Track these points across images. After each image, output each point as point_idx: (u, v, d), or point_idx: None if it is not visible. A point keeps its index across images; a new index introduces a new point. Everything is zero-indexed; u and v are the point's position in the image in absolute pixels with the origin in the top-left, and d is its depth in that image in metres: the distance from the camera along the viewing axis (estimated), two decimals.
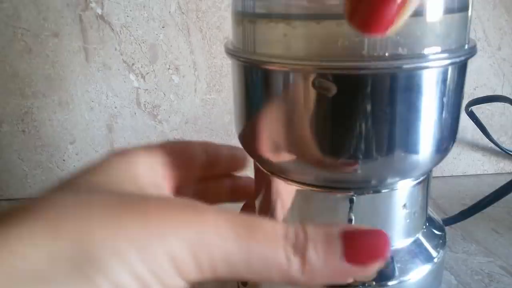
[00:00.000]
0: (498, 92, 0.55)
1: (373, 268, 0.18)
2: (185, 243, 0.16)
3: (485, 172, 0.59)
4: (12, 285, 0.14)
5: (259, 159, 0.26)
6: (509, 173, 0.59)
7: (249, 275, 0.17)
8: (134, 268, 0.15)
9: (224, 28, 0.51)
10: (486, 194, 0.38)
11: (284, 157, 0.23)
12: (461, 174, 0.59)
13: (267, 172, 0.27)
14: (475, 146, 0.58)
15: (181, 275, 0.16)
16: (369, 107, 0.20)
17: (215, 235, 0.16)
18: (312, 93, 0.21)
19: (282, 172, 0.25)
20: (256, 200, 0.29)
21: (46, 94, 0.51)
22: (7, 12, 0.47)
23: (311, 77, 0.20)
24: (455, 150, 0.57)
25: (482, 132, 0.56)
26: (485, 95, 0.55)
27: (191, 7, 0.50)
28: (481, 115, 0.55)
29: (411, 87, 0.20)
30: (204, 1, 0.50)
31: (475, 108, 0.54)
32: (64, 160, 0.54)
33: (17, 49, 0.49)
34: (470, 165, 0.59)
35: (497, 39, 0.54)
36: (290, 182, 0.25)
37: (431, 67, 0.21)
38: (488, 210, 0.39)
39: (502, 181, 0.38)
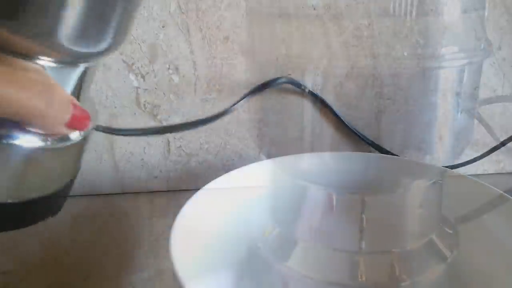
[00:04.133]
0: (498, 92, 0.56)
1: None
2: None
3: (485, 172, 0.59)
4: None
5: None
6: (509, 173, 0.59)
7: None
8: None
9: (224, 28, 0.51)
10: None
11: None
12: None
13: None
14: (475, 146, 0.58)
15: None
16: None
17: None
18: None
19: None
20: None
21: None
22: None
23: None
24: None
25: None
26: (485, 94, 0.55)
27: (191, 6, 0.49)
28: (482, 115, 0.55)
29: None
30: (204, 1, 0.49)
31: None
32: None
33: None
34: (470, 165, 0.59)
35: (497, 39, 0.54)
36: None
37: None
38: None
39: (502, 181, 0.38)
